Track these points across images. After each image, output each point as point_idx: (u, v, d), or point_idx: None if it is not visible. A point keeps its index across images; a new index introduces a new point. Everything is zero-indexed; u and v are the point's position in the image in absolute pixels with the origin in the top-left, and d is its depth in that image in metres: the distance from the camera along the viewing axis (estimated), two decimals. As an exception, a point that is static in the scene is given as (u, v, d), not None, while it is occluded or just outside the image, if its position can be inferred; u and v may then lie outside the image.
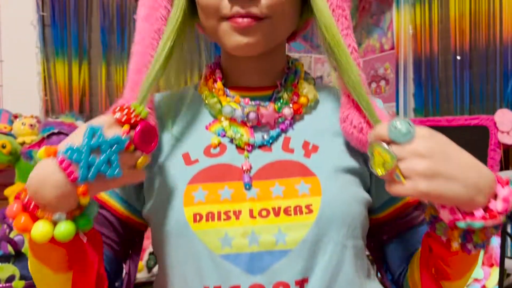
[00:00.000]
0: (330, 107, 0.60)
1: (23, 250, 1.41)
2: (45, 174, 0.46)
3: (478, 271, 1.11)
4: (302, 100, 0.59)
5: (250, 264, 0.53)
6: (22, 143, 1.59)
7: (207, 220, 0.54)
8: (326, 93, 0.62)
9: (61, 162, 0.45)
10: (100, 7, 1.93)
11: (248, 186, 0.56)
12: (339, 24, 0.56)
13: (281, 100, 0.59)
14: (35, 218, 0.45)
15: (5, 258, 1.38)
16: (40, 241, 0.44)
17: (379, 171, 0.48)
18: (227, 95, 0.59)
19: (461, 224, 0.45)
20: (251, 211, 0.55)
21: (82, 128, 0.47)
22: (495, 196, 0.46)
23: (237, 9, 0.53)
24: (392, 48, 2.08)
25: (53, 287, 0.52)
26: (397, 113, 2.05)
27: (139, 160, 0.49)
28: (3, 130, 1.58)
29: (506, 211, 0.45)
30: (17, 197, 0.48)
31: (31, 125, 1.60)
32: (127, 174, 0.48)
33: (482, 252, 1.10)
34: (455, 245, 0.47)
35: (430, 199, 0.47)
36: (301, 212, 0.55)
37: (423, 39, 1.90)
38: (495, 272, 1.09)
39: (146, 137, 0.50)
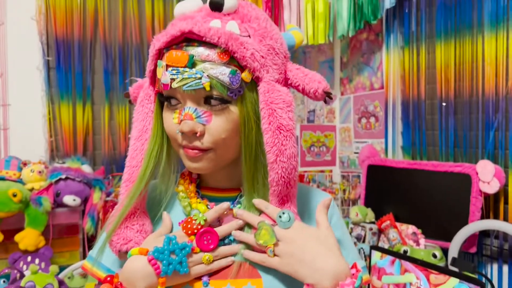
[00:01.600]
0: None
1: (34, 297, 1.46)
2: (138, 266, 0.64)
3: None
4: None
5: None
6: (31, 189, 1.65)
7: None
8: None
9: (150, 259, 0.63)
10: (103, 50, 2.00)
11: (206, 284, 0.68)
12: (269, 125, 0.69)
13: (240, 205, 0.73)
14: None
15: (17, 305, 1.42)
16: None
17: (261, 243, 0.66)
18: (197, 197, 0.74)
19: None
20: None
21: (161, 237, 0.67)
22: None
23: (185, 142, 0.67)
24: (382, 88, 2.18)
25: None
26: (386, 149, 2.15)
27: (203, 257, 0.67)
28: (13, 177, 1.64)
29: None
30: (106, 281, 0.66)
31: (40, 172, 1.67)
32: (195, 270, 0.67)
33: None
34: None
35: (288, 274, 0.65)
36: None
37: (411, 82, 2.00)
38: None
39: (205, 239, 0.68)
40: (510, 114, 1.57)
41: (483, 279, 1.55)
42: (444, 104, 1.83)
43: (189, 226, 0.68)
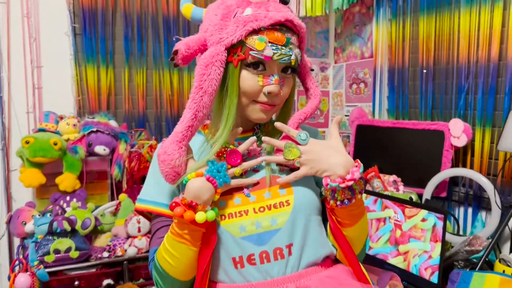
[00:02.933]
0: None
1: (76, 227, 1.74)
2: (199, 184, 0.84)
3: (427, 245, 1.52)
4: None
5: (258, 240, 0.89)
6: (67, 140, 1.91)
7: (229, 218, 0.89)
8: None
9: (208, 178, 0.84)
10: (123, 18, 2.22)
11: (248, 195, 0.90)
12: (308, 79, 1.01)
13: (258, 141, 0.96)
14: (195, 211, 0.82)
15: (63, 234, 1.71)
16: (201, 221, 0.81)
17: (290, 157, 0.89)
18: None
19: (330, 185, 0.86)
20: (254, 209, 0.89)
21: (202, 162, 0.87)
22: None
23: (266, 99, 0.90)
24: (371, 57, 2.44)
25: (186, 258, 0.85)
26: (373, 112, 2.42)
27: (235, 171, 0.90)
28: (51, 129, 1.90)
29: (354, 180, 0.85)
30: (175, 205, 0.82)
31: (74, 125, 1.92)
32: (234, 182, 0.89)
33: (430, 232, 1.52)
34: (329, 200, 0.88)
35: (315, 174, 0.88)
36: (282, 206, 0.90)
37: (396, 52, 2.26)
38: (438, 246, 1.50)
39: (232, 157, 0.92)
40: (478, 80, 1.84)
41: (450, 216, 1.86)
42: (424, 71, 2.10)
43: (220, 153, 0.91)
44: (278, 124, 0.92)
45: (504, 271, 1.49)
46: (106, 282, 1.49)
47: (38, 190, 1.90)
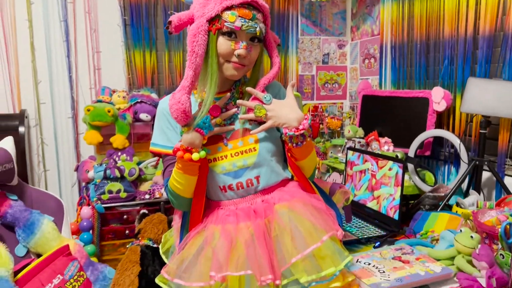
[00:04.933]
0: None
1: (124, 174, 2.27)
2: (192, 135, 1.09)
3: (391, 189, 1.86)
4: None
5: (235, 175, 1.18)
6: (118, 109, 2.44)
7: (214, 161, 1.17)
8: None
9: (197, 130, 1.09)
10: (162, 10, 2.71)
11: (226, 144, 1.19)
12: (274, 52, 1.24)
13: (234, 98, 1.21)
14: (191, 153, 1.09)
15: (115, 179, 2.24)
16: (196, 159, 1.08)
17: (259, 114, 1.14)
18: None
19: (288, 133, 1.13)
20: (230, 154, 1.18)
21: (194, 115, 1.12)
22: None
23: (237, 60, 1.13)
24: (379, 34, 2.72)
25: (189, 184, 1.14)
26: (380, 84, 2.72)
27: (216, 120, 1.16)
28: (106, 100, 2.44)
29: (304, 129, 1.12)
30: (176, 150, 1.09)
31: (123, 97, 2.44)
32: (216, 130, 1.15)
33: (394, 179, 1.85)
34: (288, 143, 1.15)
35: (277, 126, 1.14)
36: (250, 151, 1.19)
37: (397, 29, 2.53)
38: (399, 189, 1.83)
39: (214, 111, 1.15)
40: (459, 53, 2.09)
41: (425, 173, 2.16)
42: (418, 45, 2.37)
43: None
44: (248, 89, 1.18)
45: (457, 211, 1.79)
46: (142, 211, 1.98)
47: (97, 147, 2.45)
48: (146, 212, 1.93)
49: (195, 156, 1.09)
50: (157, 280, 1.11)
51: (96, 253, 2.12)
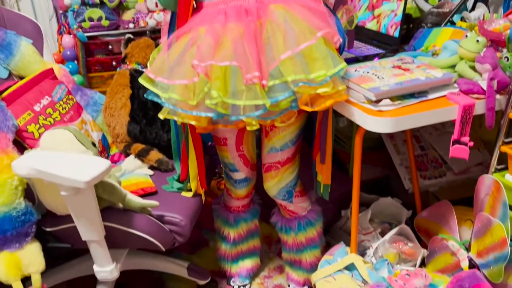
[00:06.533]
0: None
1: (104, 0, 2.08)
2: None
3: (394, 5, 1.73)
4: None
5: None
6: None
7: None
8: None
9: None
10: None
11: None
12: None
13: None
14: None
15: (94, 5, 2.06)
16: None
17: None
18: None
19: None
20: None
21: None
22: None
23: None
24: None
25: None
26: None
27: None
28: None
29: None
30: None
31: None
32: None
33: None
34: None
35: None
36: None
37: None
38: (402, 3, 1.70)
39: None
40: None
41: None
42: None
43: None
44: None
45: (461, 26, 1.70)
46: (127, 36, 1.85)
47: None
48: (132, 37, 1.81)
49: None
50: (140, 80, 1.07)
51: (84, 84, 2.07)
